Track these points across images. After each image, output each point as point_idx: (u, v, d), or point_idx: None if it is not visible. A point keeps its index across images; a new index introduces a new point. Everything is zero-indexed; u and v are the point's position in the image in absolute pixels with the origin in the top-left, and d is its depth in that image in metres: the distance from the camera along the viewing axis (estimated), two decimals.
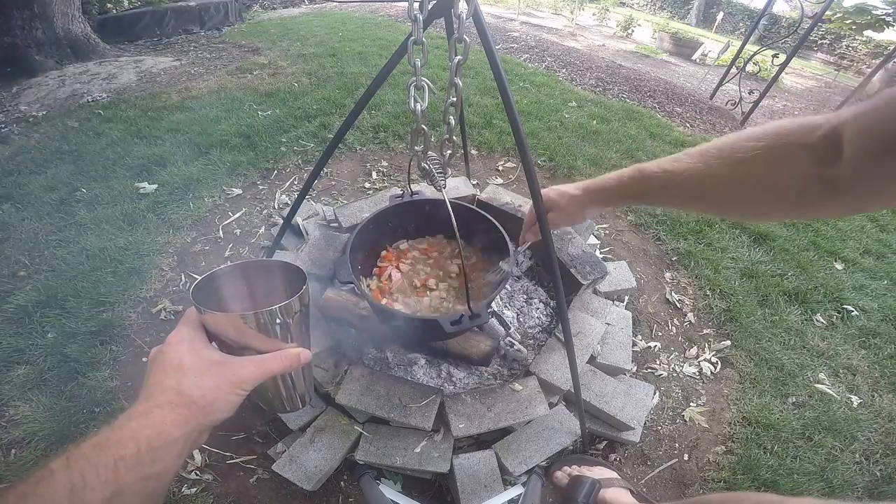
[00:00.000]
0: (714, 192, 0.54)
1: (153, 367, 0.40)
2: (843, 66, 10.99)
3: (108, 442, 0.32)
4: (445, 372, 1.19)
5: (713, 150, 0.53)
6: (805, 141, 0.43)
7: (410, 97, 0.73)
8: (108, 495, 0.29)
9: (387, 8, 6.10)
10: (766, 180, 0.48)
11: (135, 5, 4.65)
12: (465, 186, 1.72)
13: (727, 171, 0.51)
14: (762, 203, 0.50)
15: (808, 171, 0.44)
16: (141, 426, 0.34)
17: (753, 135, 0.49)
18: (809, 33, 3.22)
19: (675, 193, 0.60)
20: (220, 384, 0.39)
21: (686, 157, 0.57)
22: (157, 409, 0.35)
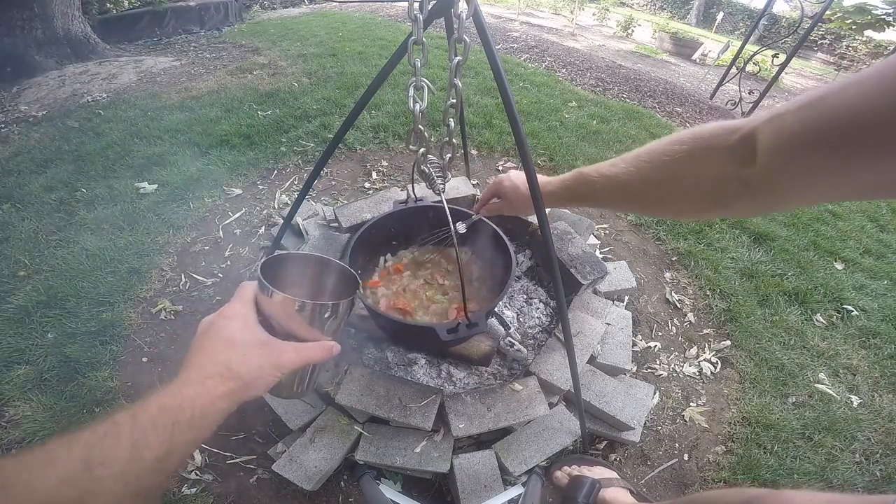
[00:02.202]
0: (645, 194, 0.58)
1: (204, 337, 0.42)
2: (843, 66, 10.99)
3: (169, 406, 0.35)
4: (445, 372, 1.19)
5: (644, 154, 0.57)
6: (723, 143, 0.46)
7: (410, 97, 0.73)
8: (160, 454, 0.32)
9: (387, 8, 6.09)
10: (689, 181, 0.51)
11: (135, 5, 4.65)
12: (466, 187, 1.72)
13: (656, 174, 0.55)
14: (688, 202, 0.54)
15: (726, 171, 0.46)
16: (197, 394, 0.36)
17: (678, 139, 0.52)
18: (809, 33, 3.22)
19: (612, 196, 0.64)
20: (263, 364, 0.41)
21: (621, 162, 0.60)
22: (210, 379, 0.38)
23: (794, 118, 0.37)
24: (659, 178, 0.54)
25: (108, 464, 0.30)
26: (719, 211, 0.52)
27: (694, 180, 0.50)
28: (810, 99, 0.36)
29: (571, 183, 0.71)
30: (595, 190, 0.65)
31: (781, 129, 0.38)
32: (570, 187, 0.72)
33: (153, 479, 0.32)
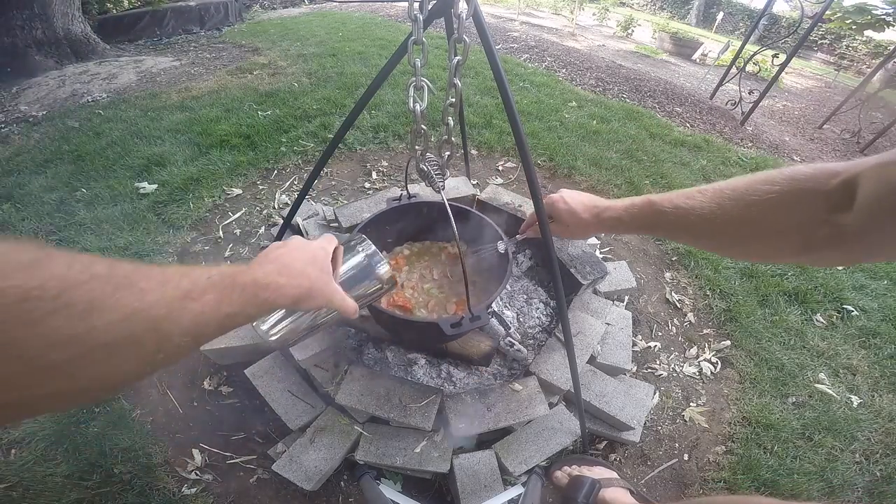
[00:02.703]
0: (724, 232, 0.55)
1: (298, 249, 0.53)
2: (843, 66, 10.98)
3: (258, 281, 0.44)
4: (445, 372, 1.19)
5: (728, 190, 0.53)
6: (820, 188, 0.44)
7: (410, 97, 0.73)
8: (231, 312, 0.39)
9: (387, 8, 6.10)
10: (777, 224, 0.49)
11: (135, 5, 4.65)
12: (465, 186, 1.72)
13: (740, 213, 0.51)
14: (770, 246, 0.51)
15: (820, 216, 0.44)
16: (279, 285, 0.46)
17: (769, 178, 0.49)
18: (809, 33, 3.21)
19: (685, 230, 0.61)
20: (322, 290, 0.53)
21: (700, 196, 0.57)
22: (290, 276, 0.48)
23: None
24: (743, 218, 0.51)
25: (197, 299, 0.35)
26: (804, 256, 0.50)
27: (783, 224, 0.48)
28: None
29: (639, 211, 0.68)
30: (667, 221, 0.62)
31: (884, 177, 0.37)
32: (637, 215, 0.68)
33: (213, 332, 0.38)
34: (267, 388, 1.18)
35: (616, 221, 0.73)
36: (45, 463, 1.08)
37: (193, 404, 1.25)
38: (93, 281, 0.27)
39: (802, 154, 3.51)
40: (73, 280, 0.26)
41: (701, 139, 3.03)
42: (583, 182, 2.29)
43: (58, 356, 0.25)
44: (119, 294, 0.29)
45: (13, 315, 0.23)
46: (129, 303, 0.29)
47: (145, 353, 0.30)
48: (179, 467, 1.11)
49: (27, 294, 0.24)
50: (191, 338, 0.34)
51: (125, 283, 0.29)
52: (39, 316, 0.24)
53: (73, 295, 0.26)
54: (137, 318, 0.29)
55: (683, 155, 2.75)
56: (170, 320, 0.32)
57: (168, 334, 0.32)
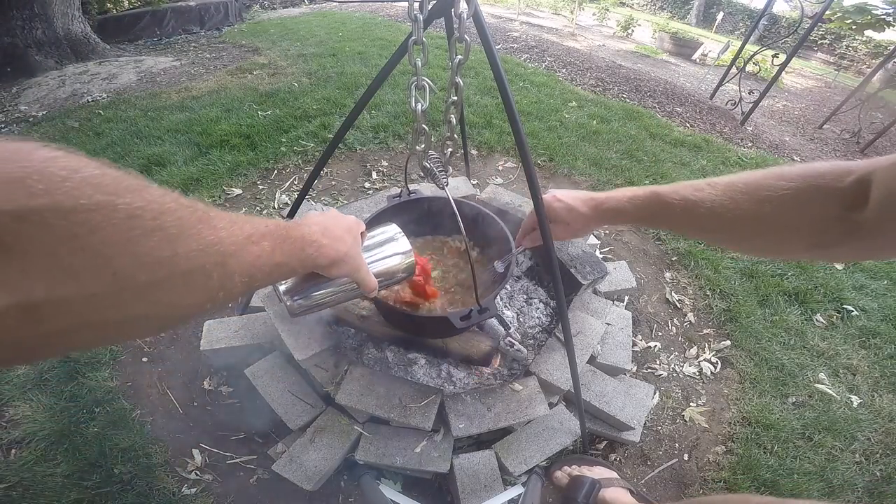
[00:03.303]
0: (735, 227, 0.54)
1: (336, 218, 0.57)
2: (843, 66, 10.99)
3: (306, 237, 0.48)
4: (445, 372, 1.19)
5: (740, 184, 0.53)
6: (835, 185, 0.44)
7: (411, 97, 0.73)
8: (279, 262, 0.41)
9: (387, 8, 6.10)
10: (791, 220, 0.48)
11: (135, 5, 4.66)
12: (466, 186, 1.72)
13: (753, 208, 0.51)
14: (783, 241, 0.51)
15: (833, 213, 0.44)
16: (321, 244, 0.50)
17: (784, 174, 0.49)
18: (809, 33, 3.22)
19: (692, 223, 0.59)
20: (354, 258, 0.57)
21: (709, 188, 0.56)
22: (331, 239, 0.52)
23: None
24: (755, 213, 0.51)
25: (257, 243, 0.37)
26: (813, 252, 0.50)
27: (795, 220, 0.48)
28: None
29: (643, 203, 0.65)
30: (673, 214, 0.60)
31: None
32: (641, 206, 0.66)
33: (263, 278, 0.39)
34: (267, 388, 1.18)
35: (618, 212, 0.71)
36: (45, 463, 1.08)
37: (193, 404, 1.25)
38: (181, 210, 0.29)
39: (802, 154, 3.51)
40: (167, 206, 0.27)
41: (701, 139, 3.03)
42: (583, 182, 2.29)
43: (143, 277, 0.26)
44: (200, 226, 0.30)
45: (120, 231, 0.24)
46: (206, 235, 0.30)
47: (211, 286, 0.32)
48: (179, 467, 1.11)
49: (133, 212, 0.25)
50: (247, 278, 0.36)
51: (204, 217, 0.31)
52: (139, 235, 0.25)
53: (167, 220, 0.27)
54: (211, 250, 0.31)
55: (683, 155, 2.75)
56: (235, 258, 0.34)
57: (231, 271, 0.33)
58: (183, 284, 0.29)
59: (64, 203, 0.21)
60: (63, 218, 0.21)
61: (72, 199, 0.22)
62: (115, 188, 0.24)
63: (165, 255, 0.27)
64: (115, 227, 0.24)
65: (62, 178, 0.22)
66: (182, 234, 0.28)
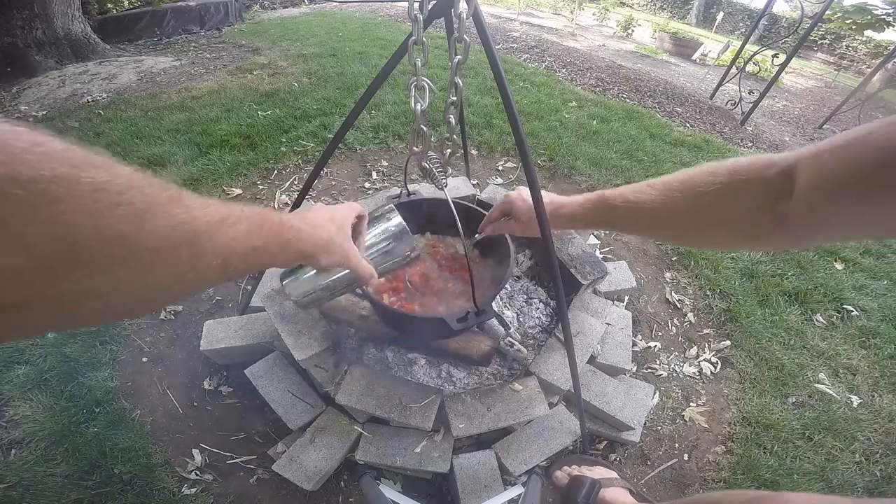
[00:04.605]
0: (674, 223, 0.58)
1: (320, 209, 0.57)
2: (843, 66, 10.99)
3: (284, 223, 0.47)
4: (445, 372, 1.19)
5: (676, 182, 0.56)
6: (761, 177, 0.46)
7: (411, 97, 0.73)
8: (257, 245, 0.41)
9: (387, 8, 6.10)
10: (723, 213, 0.51)
11: (135, 5, 4.66)
12: (465, 186, 1.72)
13: (687, 204, 0.54)
14: (719, 234, 0.54)
15: (762, 205, 0.46)
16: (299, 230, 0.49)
17: (713, 169, 0.52)
18: (809, 33, 3.22)
19: (636, 223, 0.63)
20: (340, 245, 0.56)
21: (650, 189, 0.60)
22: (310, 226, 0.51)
23: (831, 156, 0.38)
24: (690, 209, 0.54)
25: (232, 226, 0.36)
26: (750, 244, 0.52)
27: (728, 213, 0.50)
28: (849, 138, 0.37)
29: (592, 206, 0.70)
30: (618, 215, 0.64)
31: (819, 166, 0.39)
32: (591, 210, 0.70)
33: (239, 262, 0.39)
34: (267, 388, 1.18)
35: (571, 218, 0.75)
36: (45, 463, 1.08)
37: (193, 404, 1.25)
38: (151, 187, 0.28)
39: None
40: (135, 182, 0.27)
41: (701, 139, 3.03)
42: (583, 182, 2.29)
43: (106, 251, 0.26)
44: (170, 205, 0.30)
45: (81, 203, 0.24)
46: (176, 214, 0.30)
47: (180, 266, 0.31)
48: (179, 467, 1.11)
49: (98, 186, 0.24)
50: (220, 261, 0.35)
51: (176, 197, 0.31)
52: (102, 208, 0.25)
53: (133, 195, 0.27)
54: (181, 229, 0.30)
55: (683, 155, 2.75)
56: (208, 237, 0.33)
57: (203, 252, 0.33)
58: (150, 261, 0.28)
59: (22, 173, 0.21)
60: (21, 187, 0.21)
61: (32, 169, 0.21)
62: (80, 162, 0.24)
63: (130, 230, 0.26)
64: (77, 200, 0.23)
65: (22, 150, 0.21)
66: (150, 211, 0.28)
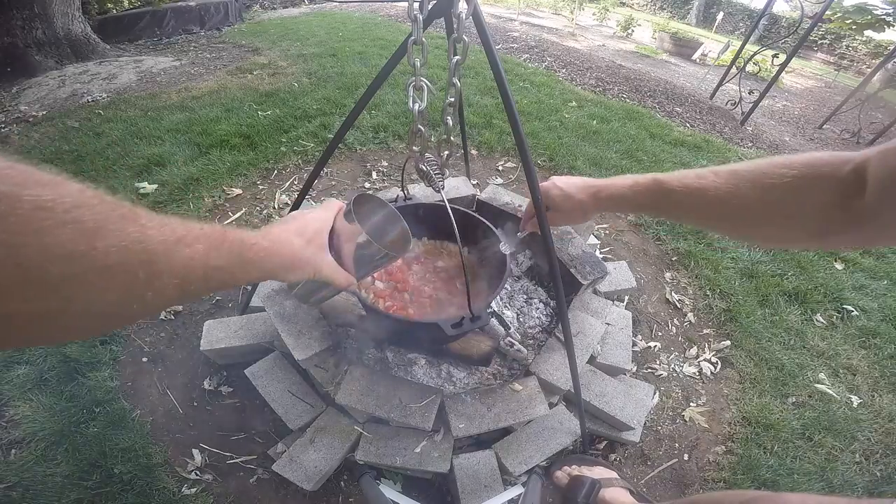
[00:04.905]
0: (738, 214, 0.54)
1: (291, 218, 0.55)
2: (843, 66, 10.99)
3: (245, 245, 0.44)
4: (445, 372, 1.19)
5: (744, 171, 0.53)
6: (835, 173, 0.45)
7: (410, 97, 0.73)
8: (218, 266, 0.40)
9: (387, 8, 6.10)
10: (794, 207, 0.49)
11: (135, 5, 4.66)
12: (465, 186, 1.72)
13: (756, 195, 0.51)
14: (785, 229, 0.51)
15: (833, 201, 0.45)
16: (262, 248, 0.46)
17: (786, 162, 0.49)
18: (809, 33, 3.22)
19: (695, 211, 0.59)
20: (308, 260, 0.54)
21: (713, 176, 0.56)
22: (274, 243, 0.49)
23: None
24: (758, 200, 0.51)
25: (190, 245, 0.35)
26: (816, 241, 0.50)
27: (797, 207, 0.48)
28: None
29: (644, 189, 0.64)
30: (675, 201, 0.60)
31: (888, 161, 0.39)
32: (643, 193, 0.65)
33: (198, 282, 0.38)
34: (267, 388, 1.18)
35: (618, 199, 0.69)
36: (45, 463, 1.08)
37: (193, 404, 1.25)
38: (102, 205, 0.28)
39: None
40: (85, 201, 0.27)
41: (701, 139, 3.03)
42: None
43: (56, 270, 0.25)
44: (123, 223, 0.29)
45: (24, 222, 0.23)
46: (130, 232, 0.30)
47: (136, 286, 0.31)
48: (179, 467, 1.11)
49: (42, 204, 0.24)
50: (179, 281, 0.35)
51: (130, 216, 0.31)
52: (49, 226, 0.25)
53: (83, 213, 0.26)
54: (135, 248, 0.30)
55: (683, 155, 2.75)
56: (164, 257, 0.33)
57: (159, 272, 0.32)
58: (102, 281, 0.28)
59: None
60: None
61: None
62: (23, 180, 0.24)
63: (80, 248, 0.26)
64: (21, 218, 0.23)
65: None
66: (101, 229, 0.28)
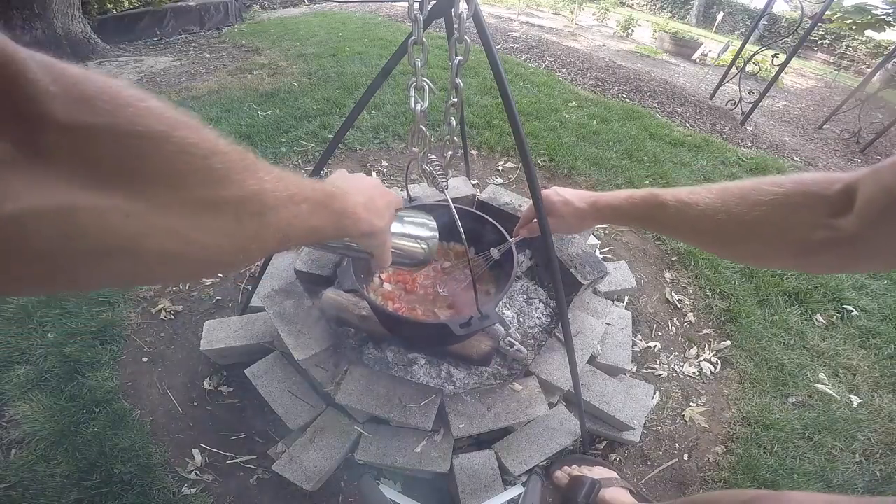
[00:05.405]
0: (725, 230, 0.55)
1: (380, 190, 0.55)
2: (843, 66, 11.00)
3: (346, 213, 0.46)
4: (445, 372, 1.19)
5: (734, 188, 0.54)
6: (823, 191, 0.45)
7: (411, 97, 0.73)
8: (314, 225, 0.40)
9: (387, 8, 6.10)
10: (778, 224, 0.50)
11: (135, 5, 4.65)
12: (465, 186, 1.72)
13: (744, 211, 0.52)
14: (769, 247, 0.52)
15: (820, 220, 0.45)
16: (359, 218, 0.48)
17: (777, 181, 0.50)
18: (809, 33, 3.22)
19: (685, 224, 0.61)
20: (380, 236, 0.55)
21: (705, 192, 0.57)
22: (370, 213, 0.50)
23: (890, 170, 0.38)
24: (745, 216, 0.52)
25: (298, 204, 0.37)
26: (800, 261, 0.51)
27: (784, 224, 0.49)
28: None
29: (640, 202, 0.66)
30: (668, 215, 0.62)
31: (879, 180, 0.39)
32: (638, 205, 0.67)
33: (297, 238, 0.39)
34: (267, 388, 1.18)
35: (615, 210, 0.72)
36: (45, 463, 1.08)
37: (193, 404, 1.25)
38: (232, 154, 0.30)
39: (802, 154, 3.51)
40: (219, 148, 0.28)
41: (701, 139, 3.03)
42: (583, 182, 2.29)
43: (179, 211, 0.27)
44: (245, 175, 0.31)
45: (167, 162, 0.25)
46: (250, 184, 0.31)
47: (245, 236, 0.32)
48: (179, 467, 1.11)
49: (186, 147, 0.26)
50: (281, 235, 0.36)
51: (251, 166, 0.32)
52: (185, 171, 0.26)
53: (215, 161, 0.28)
54: (252, 200, 0.32)
55: (683, 155, 2.75)
56: (274, 212, 0.34)
57: (268, 224, 0.34)
58: (218, 228, 0.29)
59: (122, 125, 0.23)
60: (117, 141, 0.23)
61: (131, 124, 0.23)
62: (174, 122, 0.25)
63: (207, 195, 0.28)
64: (164, 158, 0.25)
65: (126, 104, 0.23)
66: (226, 178, 0.29)
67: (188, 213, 0.27)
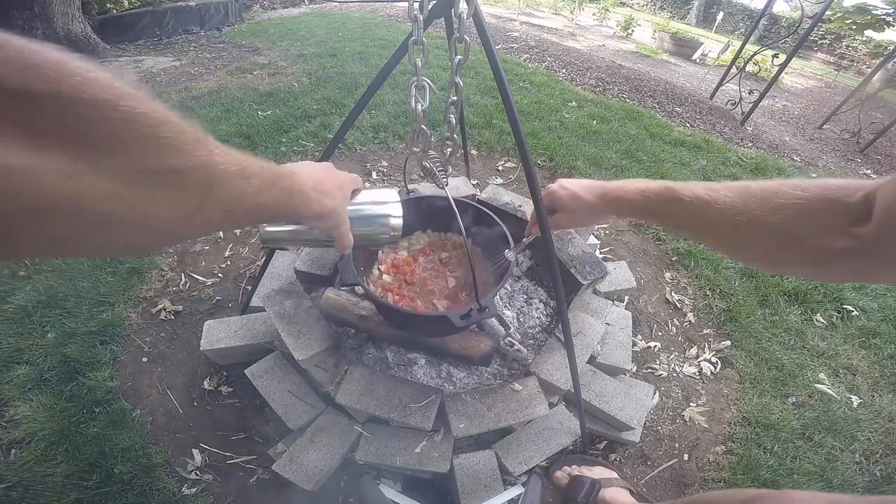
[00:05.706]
0: (742, 231, 0.53)
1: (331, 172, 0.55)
2: (843, 66, 11.00)
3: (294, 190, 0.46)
4: (445, 372, 1.19)
5: (756, 189, 0.52)
6: (847, 199, 0.44)
7: (411, 97, 0.73)
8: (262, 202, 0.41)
9: (387, 8, 6.10)
10: (799, 230, 0.48)
11: (135, 5, 4.65)
12: (465, 186, 1.72)
13: (764, 214, 0.50)
14: (785, 251, 0.50)
15: (839, 226, 0.44)
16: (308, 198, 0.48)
17: (800, 185, 0.49)
18: (809, 33, 3.22)
19: (700, 221, 0.58)
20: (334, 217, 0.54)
21: (724, 190, 0.55)
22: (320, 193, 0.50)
23: None
24: (766, 219, 0.50)
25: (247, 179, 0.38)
26: (818, 269, 0.49)
27: (805, 230, 0.47)
28: None
29: (655, 196, 0.63)
30: (683, 210, 0.59)
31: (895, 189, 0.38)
32: (653, 199, 0.63)
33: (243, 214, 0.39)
34: (267, 388, 1.18)
35: (626, 203, 0.68)
36: (45, 463, 1.08)
37: (193, 404, 1.25)
38: (181, 126, 0.30)
39: (802, 154, 3.51)
40: (170, 119, 0.29)
41: (701, 139, 3.03)
42: None
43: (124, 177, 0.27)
44: (196, 146, 0.31)
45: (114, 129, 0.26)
46: (200, 155, 0.32)
47: (190, 206, 0.33)
48: (179, 467, 1.11)
49: (133, 117, 0.26)
50: (227, 209, 0.36)
51: (202, 140, 0.32)
52: (134, 138, 0.27)
53: (163, 130, 0.28)
54: (199, 171, 0.32)
55: (683, 155, 2.75)
56: (221, 184, 0.35)
57: (214, 196, 0.34)
58: (162, 196, 0.30)
59: (66, 93, 0.23)
60: (61, 107, 0.23)
61: (76, 91, 0.23)
62: (121, 92, 0.26)
63: (153, 164, 0.28)
64: (109, 125, 0.25)
65: (72, 73, 0.24)
66: (175, 148, 0.29)
67: (133, 179, 0.27)
